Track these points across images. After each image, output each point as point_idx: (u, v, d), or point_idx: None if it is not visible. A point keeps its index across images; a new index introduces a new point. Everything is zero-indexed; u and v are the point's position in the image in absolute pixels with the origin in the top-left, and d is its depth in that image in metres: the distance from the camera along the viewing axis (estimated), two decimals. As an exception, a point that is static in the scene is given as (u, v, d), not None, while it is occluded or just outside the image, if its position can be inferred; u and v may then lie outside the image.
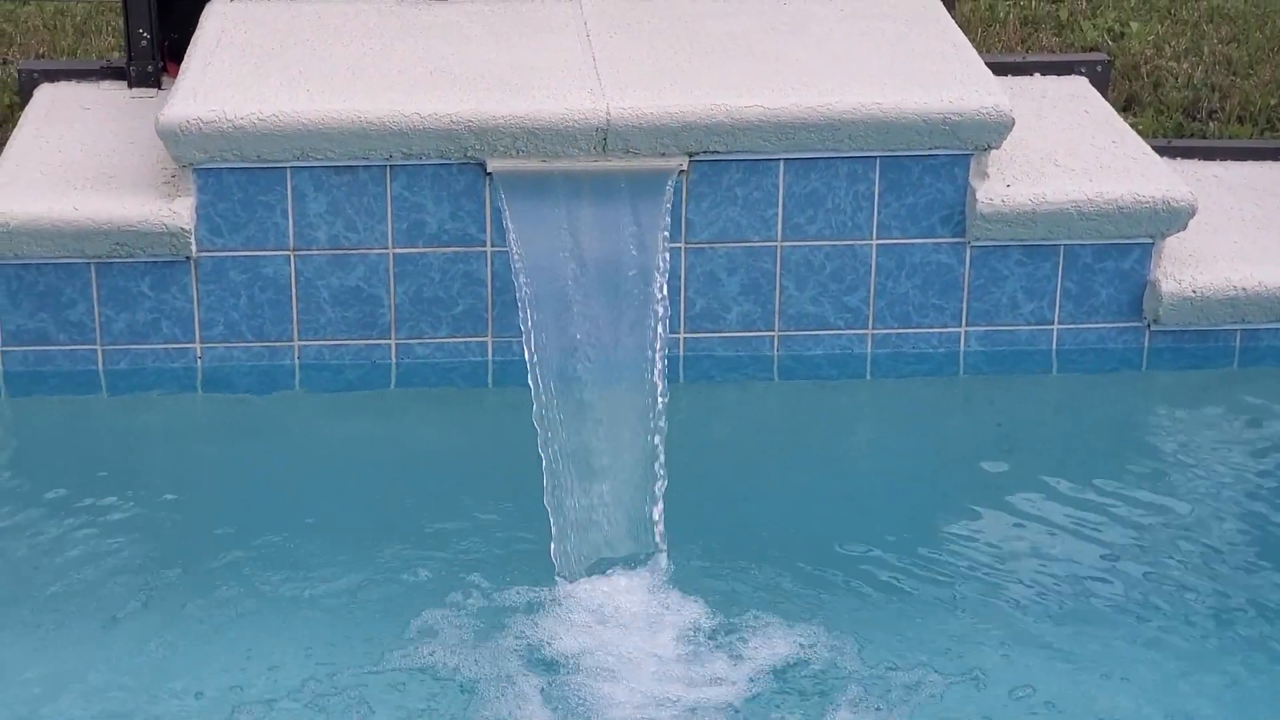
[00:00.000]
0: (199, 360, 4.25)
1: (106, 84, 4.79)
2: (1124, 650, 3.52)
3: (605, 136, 4.12)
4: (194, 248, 4.16)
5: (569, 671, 3.41)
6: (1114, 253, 4.32)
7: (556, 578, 3.64)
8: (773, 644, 3.49)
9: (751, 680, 3.41)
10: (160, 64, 4.77)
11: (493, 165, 4.14)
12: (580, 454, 3.78)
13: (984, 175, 4.27)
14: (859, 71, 4.34)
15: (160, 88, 4.74)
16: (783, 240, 4.27)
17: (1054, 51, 5.80)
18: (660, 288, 3.96)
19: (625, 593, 3.62)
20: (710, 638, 3.50)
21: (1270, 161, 4.92)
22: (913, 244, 4.29)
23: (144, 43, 4.73)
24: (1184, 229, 4.31)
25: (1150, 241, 4.31)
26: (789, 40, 4.53)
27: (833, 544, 3.79)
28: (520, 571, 3.66)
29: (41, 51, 5.74)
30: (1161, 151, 4.61)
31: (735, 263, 4.27)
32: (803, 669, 3.43)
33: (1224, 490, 4.00)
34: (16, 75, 4.93)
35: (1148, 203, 4.27)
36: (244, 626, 3.53)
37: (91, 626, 3.54)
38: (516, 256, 3.97)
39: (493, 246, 4.21)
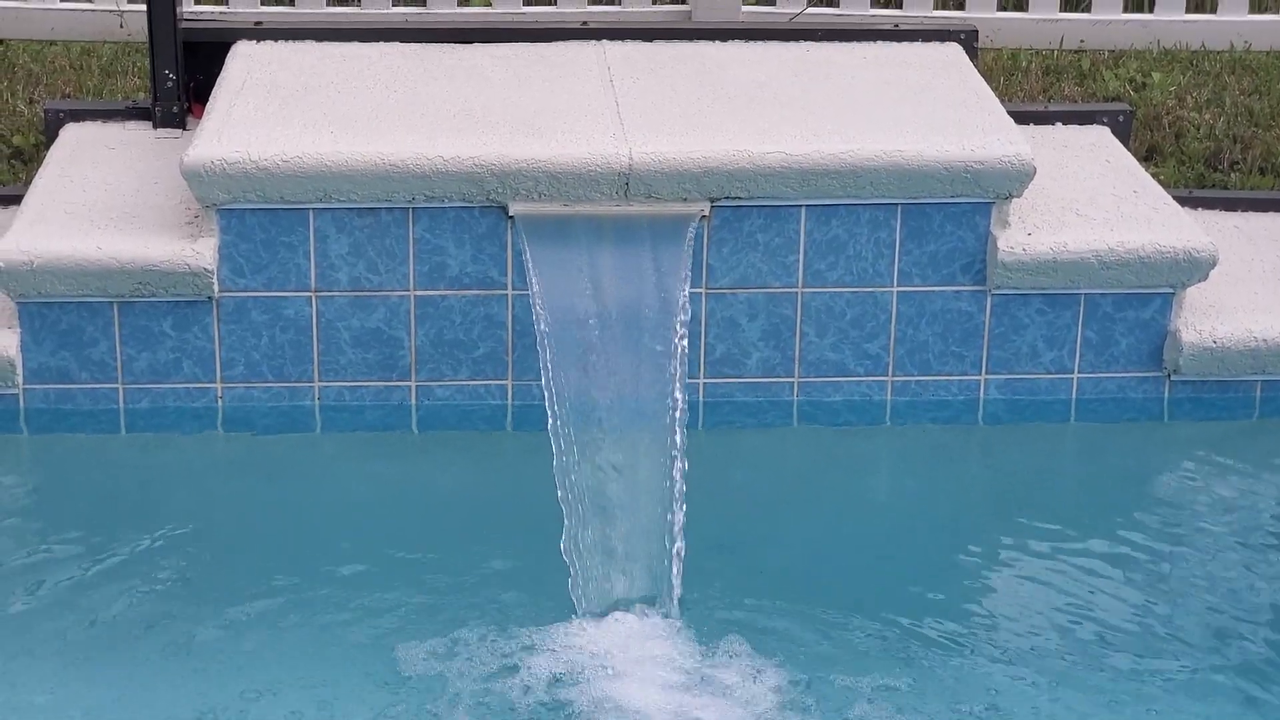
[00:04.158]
0: (219, 400, 4.26)
1: (132, 124, 4.81)
2: (1139, 701, 3.51)
3: (627, 181, 4.13)
4: (216, 288, 4.18)
5: (583, 714, 3.40)
6: (1135, 302, 4.32)
7: (574, 620, 3.64)
8: (788, 689, 3.48)
9: (768, 726, 3.41)
10: (185, 105, 4.79)
11: (515, 208, 4.15)
12: (599, 498, 3.78)
13: (1005, 223, 4.27)
14: (881, 118, 4.35)
15: (185, 129, 4.76)
16: (803, 286, 4.27)
17: (1076, 101, 5.81)
18: (681, 333, 3.96)
19: (642, 636, 3.62)
20: (726, 682, 3.49)
21: (1292, 213, 4.92)
22: (933, 291, 4.29)
23: (169, 84, 4.75)
24: (1205, 279, 4.31)
25: (1171, 291, 4.31)
26: (811, 87, 4.54)
27: (850, 591, 3.78)
28: (538, 614, 3.65)
29: (68, 91, 5.76)
30: (1183, 201, 4.61)
31: (756, 308, 4.28)
32: (817, 715, 3.42)
33: (1245, 542, 3.99)
34: (43, 115, 4.95)
35: (1169, 253, 4.27)
36: (259, 665, 3.53)
37: (107, 663, 3.53)
38: (537, 300, 3.97)
39: (514, 290, 4.21)
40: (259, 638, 3.60)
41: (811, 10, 5.94)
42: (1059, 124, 4.95)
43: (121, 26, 6.04)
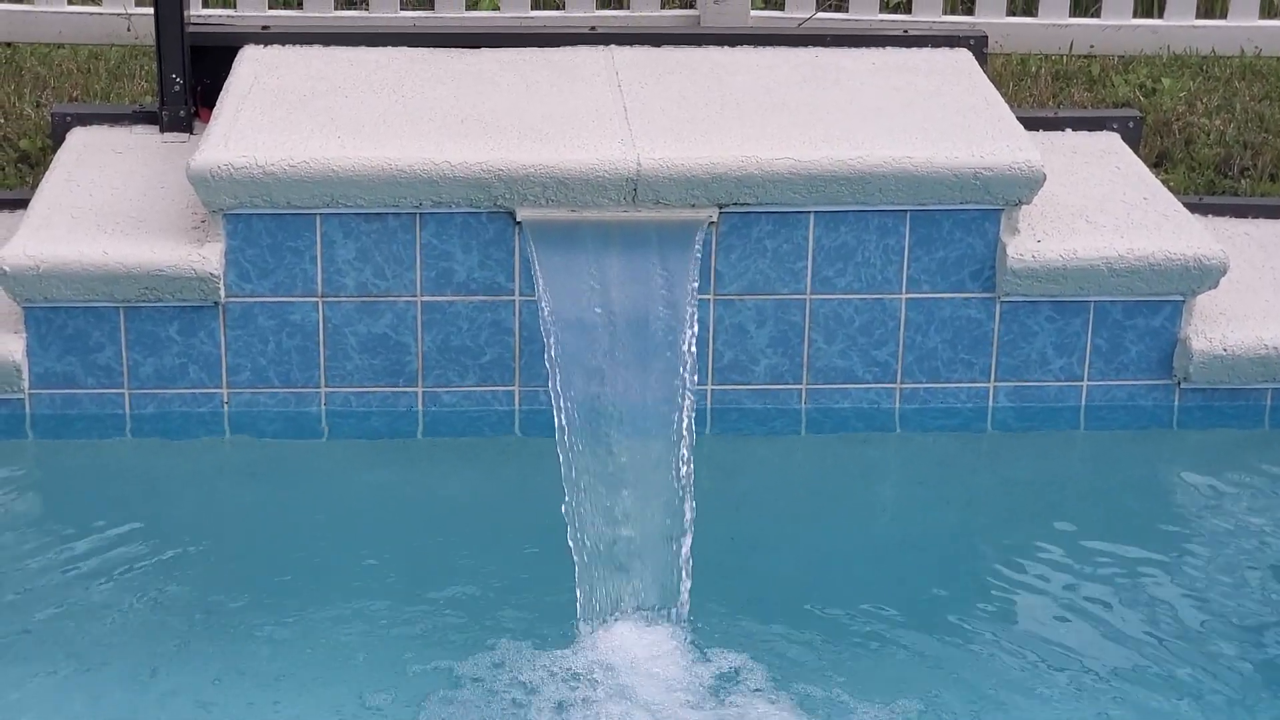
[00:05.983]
0: (225, 405, 4.25)
1: (139, 128, 4.80)
2: (1148, 708, 3.50)
3: (635, 187, 4.12)
4: (222, 293, 4.17)
5: (591, 724, 3.41)
6: (1144, 310, 4.31)
7: (580, 628, 3.63)
8: (795, 699, 3.47)
9: (775, 736, 3.40)
10: (192, 109, 4.78)
11: (522, 214, 4.14)
12: (606, 505, 3.77)
13: (1015, 230, 4.26)
14: (890, 125, 4.34)
15: (192, 133, 4.75)
16: (812, 293, 4.26)
17: (1086, 107, 5.79)
18: (688, 339, 3.95)
19: (648, 644, 3.61)
20: (733, 691, 3.49)
21: (1302, 220, 4.90)
22: (942, 298, 4.28)
23: (177, 88, 4.75)
24: (1215, 286, 4.30)
25: (1181, 299, 4.30)
26: (820, 93, 4.53)
27: (858, 599, 3.77)
28: (544, 622, 3.65)
29: (74, 95, 5.76)
30: (1193, 208, 4.60)
31: (764, 315, 4.27)
32: (827, 725, 3.43)
33: (1255, 550, 3.98)
34: (49, 118, 4.95)
35: (1179, 260, 4.25)
36: (265, 673, 3.52)
37: (110, 669, 3.53)
38: (545, 306, 3.96)
39: (521, 296, 4.21)
40: (262, 644, 3.60)
41: (820, 16, 5.94)
42: (1068, 130, 4.94)
43: (129, 30, 6.04)
